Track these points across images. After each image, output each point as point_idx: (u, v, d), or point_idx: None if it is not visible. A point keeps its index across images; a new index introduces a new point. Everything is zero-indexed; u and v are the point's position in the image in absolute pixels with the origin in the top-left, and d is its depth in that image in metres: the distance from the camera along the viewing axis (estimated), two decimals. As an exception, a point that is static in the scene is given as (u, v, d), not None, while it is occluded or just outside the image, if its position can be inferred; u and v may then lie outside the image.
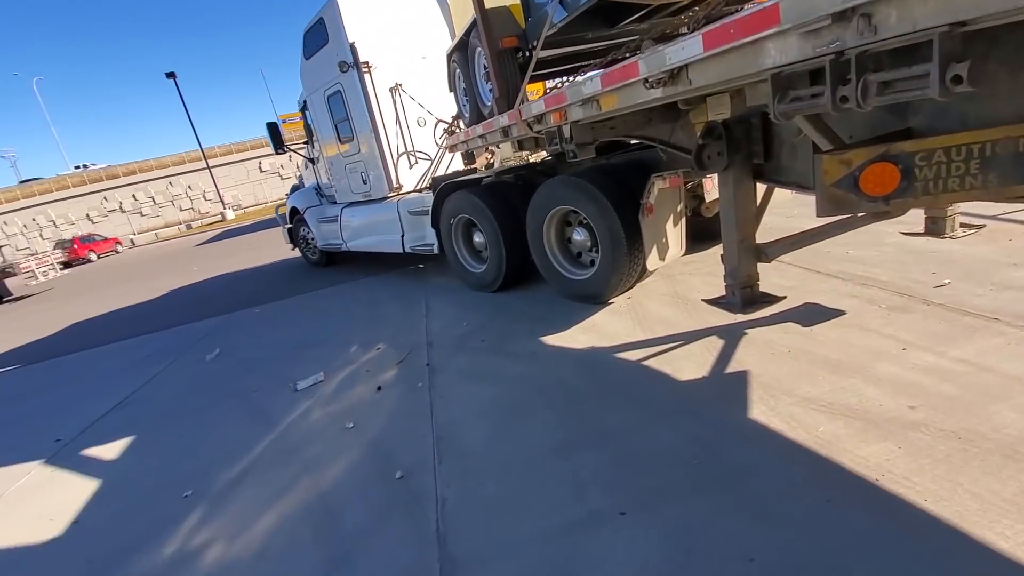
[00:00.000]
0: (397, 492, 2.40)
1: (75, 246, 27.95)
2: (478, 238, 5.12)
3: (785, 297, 2.84)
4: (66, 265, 26.57)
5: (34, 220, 42.50)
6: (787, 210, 5.12)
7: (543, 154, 5.67)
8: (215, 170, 41.96)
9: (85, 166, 48.30)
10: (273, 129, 7.83)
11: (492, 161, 6.29)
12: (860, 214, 2.48)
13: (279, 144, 7.90)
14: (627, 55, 3.44)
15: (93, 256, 28.34)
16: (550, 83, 5.69)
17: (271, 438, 3.18)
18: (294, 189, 9.96)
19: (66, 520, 2.78)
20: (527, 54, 3.88)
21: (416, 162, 6.34)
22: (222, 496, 2.69)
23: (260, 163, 45.55)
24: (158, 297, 10.15)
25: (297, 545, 2.21)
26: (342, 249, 7.69)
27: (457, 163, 6.47)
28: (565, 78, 5.38)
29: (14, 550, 2.64)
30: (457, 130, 5.64)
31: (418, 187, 6.41)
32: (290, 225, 9.21)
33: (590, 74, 3.66)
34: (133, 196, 44.42)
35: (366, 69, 5.82)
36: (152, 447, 3.48)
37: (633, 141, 4.10)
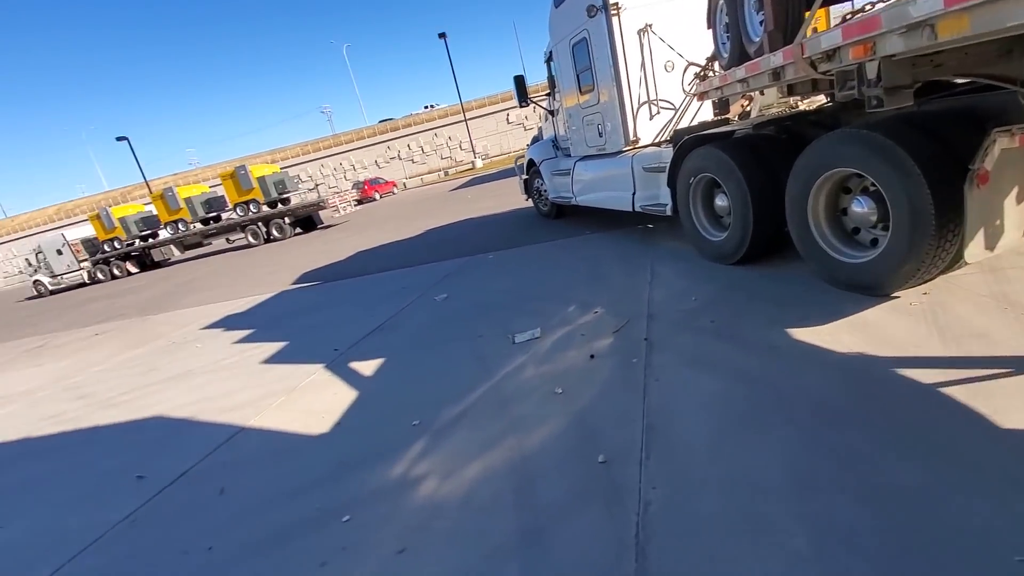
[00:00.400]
0: (597, 478, 2.24)
1: (365, 187, 34.55)
2: (720, 201, 4.48)
3: None
4: (359, 202, 33.12)
5: (340, 164, 53.68)
6: None
7: (820, 99, 4.59)
8: (473, 122, 46.65)
9: (388, 119, 58.42)
10: (519, 82, 8.07)
11: (748, 110, 5.38)
12: None
13: (523, 96, 8.14)
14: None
15: (377, 196, 34.68)
16: (839, 8, 4.48)
17: (487, 386, 3.33)
18: (534, 141, 10.29)
19: (331, 420, 3.38)
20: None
21: (658, 112, 5.81)
22: (441, 434, 2.91)
23: (508, 115, 48.93)
24: (416, 236, 11.81)
25: (497, 505, 2.23)
26: (571, 203, 7.69)
27: (706, 113, 5.72)
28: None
29: (294, 436, 3.32)
30: (711, 74, 4.92)
31: (656, 140, 5.90)
32: (526, 176, 9.59)
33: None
34: (408, 146, 52.48)
35: (615, 11, 5.42)
36: (396, 371, 4.01)
37: (960, 80, 2.97)
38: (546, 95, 8.46)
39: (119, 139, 41.25)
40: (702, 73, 5.14)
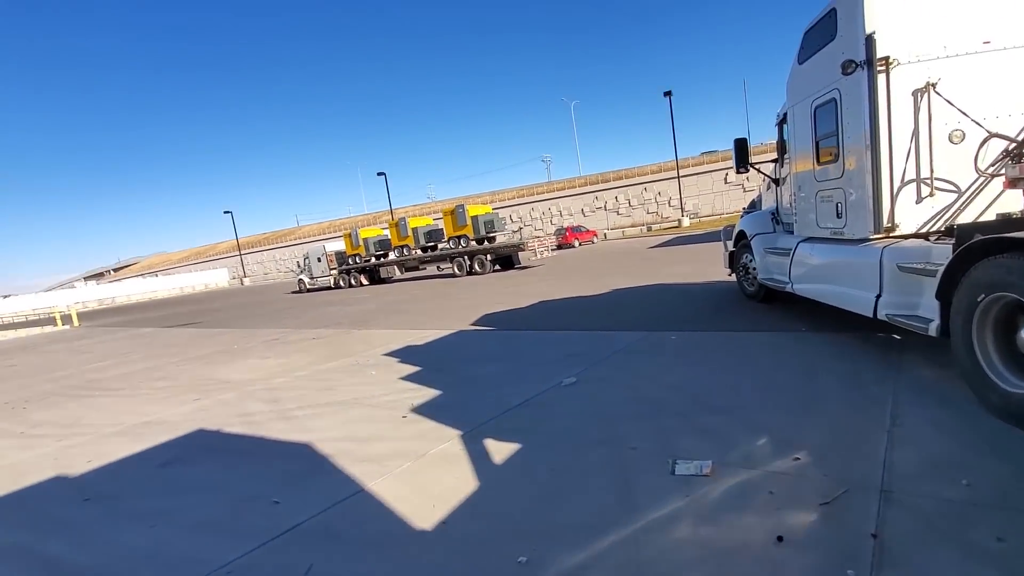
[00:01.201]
0: None
1: (567, 233, 35.53)
2: (1030, 336, 2.99)
3: None
4: (558, 247, 34.16)
5: (549, 209, 56.55)
6: None
7: None
8: (686, 180, 45.15)
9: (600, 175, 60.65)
10: (740, 145, 7.10)
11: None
12: None
13: (743, 162, 7.13)
14: None
15: (576, 243, 35.36)
16: None
17: (623, 534, 2.55)
18: (751, 207, 9.04)
19: (440, 514, 2.97)
20: None
21: (930, 194, 4.36)
22: (548, 589, 2.24)
23: (726, 175, 46.11)
24: (601, 294, 11.28)
25: None
26: (785, 289, 6.35)
27: (1009, 204, 4.10)
28: None
29: (400, 522, 2.97)
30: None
31: (924, 230, 4.43)
32: (733, 248, 8.39)
33: None
34: (615, 197, 52.97)
35: (882, 67, 4.26)
36: (526, 471, 3.45)
37: None
38: (771, 161, 7.29)
39: (379, 174, 50.04)
40: (1017, 151, 3.65)
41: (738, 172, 7.23)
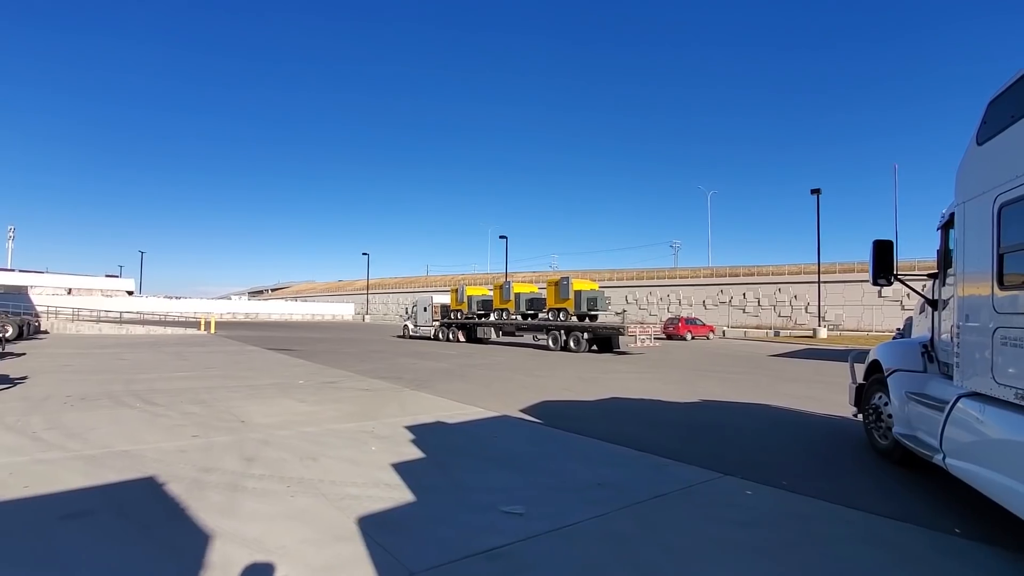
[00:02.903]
0: None
1: (680, 324, 32.78)
2: None
3: None
4: (668, 337, 31.53)
5: (669, 296, 53.58)
6: None
7: None
8: (829, 286, 40.26)
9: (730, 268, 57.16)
10: (881, 250, 5.26)
11: None
12: None
13: (884, 271, 5.27)
14: None
15: (689, 336, 32.41)
16: None
17: None
18: (905, 329, 6.91)
19: None
20: None
21: None
22: None
23: (881, 289, 40.20)
24: (685, 403, 9.40)
25: None
26: (932, 460, 4.33)
27: None
28: None
29: None
30: None
31: None
32: (862, 381, 6.31)
33: None
34: (743, 294, 48.74)
35: None
36: None
37: None
38: (928, 276, 5.38)
39: (501, 237, 51.63)
40: None
41: (876, 284, 5.34)
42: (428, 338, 31.10)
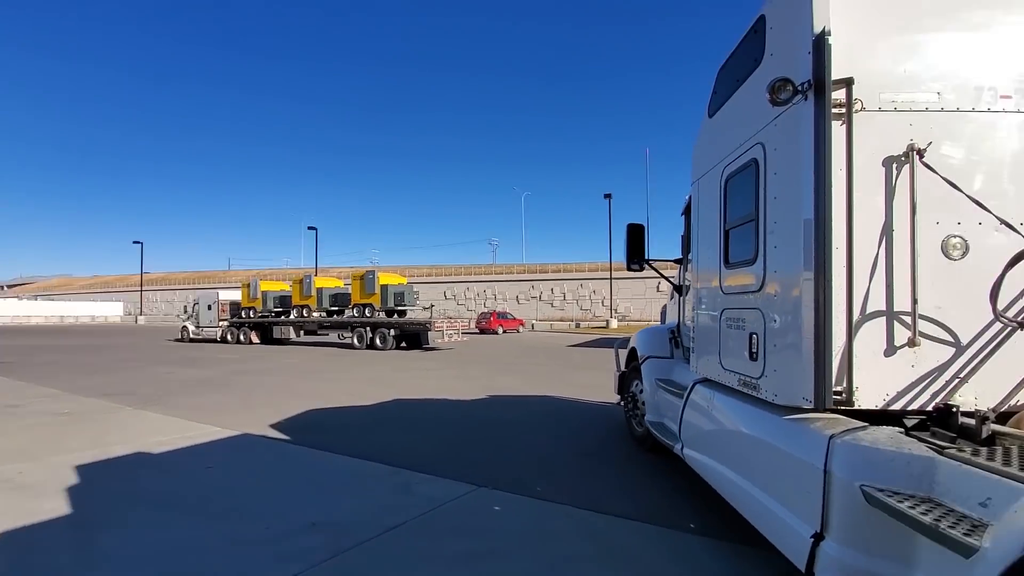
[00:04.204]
0: None
1: (492, 318, 33.43)
2: None
3: None
4: (481, 332, 31.85)
5: (484, 291, 54.97)
6: None
7: None
8: (620, 282, 44.93)
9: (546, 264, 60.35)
10: (633, 234, 5.14)
11: None
12: None
13: (636, 256, 5.16)
14: None
15: (500, 330, 33.21)
16: None
17: None
18: (662, 315, 7.13)
19: None
20: None
21: (911, 342, 2.38)
22: None
23: (659, 283, 46.45)
24: (474, 399, 8.85)
25: None
26: (673, 449, 4.18)
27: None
28: None
29: None
30: None
31: (899, 406, 2.39)
32: (624, 370, 6.29)
33: None
34: (551, 290, 52.22)
35: (841, 105, 2.40)
36: None
37: None
38: (675, 261, 5.43)
39: (309, 228, 47.24)
40: None
41: (630, 268, 5.24)
42: (215, 340, 26.63)
